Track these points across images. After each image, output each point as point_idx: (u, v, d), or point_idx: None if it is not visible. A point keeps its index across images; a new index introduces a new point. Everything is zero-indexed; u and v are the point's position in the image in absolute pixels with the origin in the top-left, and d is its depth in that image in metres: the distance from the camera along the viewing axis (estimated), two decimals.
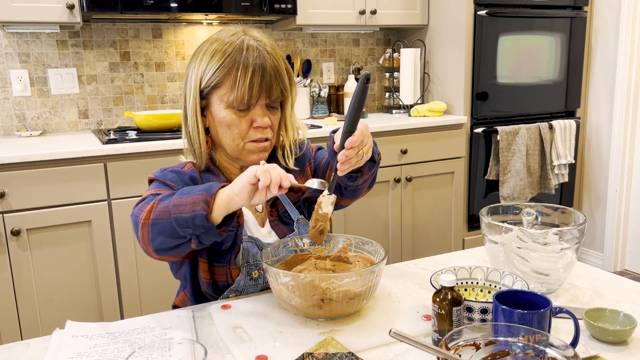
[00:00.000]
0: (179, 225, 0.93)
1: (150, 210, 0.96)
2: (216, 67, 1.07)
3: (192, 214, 0.92)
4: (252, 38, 1.09)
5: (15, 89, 2.49)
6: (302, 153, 1.24)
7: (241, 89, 1.06)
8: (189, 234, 0.94)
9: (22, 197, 1.98)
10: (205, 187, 0.95)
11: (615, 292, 1.10)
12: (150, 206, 0.96)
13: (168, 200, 0.95)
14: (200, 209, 0.92)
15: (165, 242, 0.96)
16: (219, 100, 1.09)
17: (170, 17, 2.57)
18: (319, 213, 1.01)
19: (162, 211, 0.95)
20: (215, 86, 1.08)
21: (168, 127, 2.38)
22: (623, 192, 3.10)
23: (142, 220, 0.96)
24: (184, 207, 0.93)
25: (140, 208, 0.99)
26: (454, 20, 2.80)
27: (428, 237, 2.85)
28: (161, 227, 0.95)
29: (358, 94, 0.95)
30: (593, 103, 3.20)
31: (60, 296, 2.09)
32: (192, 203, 0.92)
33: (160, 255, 1.00)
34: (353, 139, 0.96)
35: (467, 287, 1.02)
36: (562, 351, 0.70)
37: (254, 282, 1.12)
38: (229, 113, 1.09)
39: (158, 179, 1.09)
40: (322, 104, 2.98)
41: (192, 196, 0.93)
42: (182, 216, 0.93)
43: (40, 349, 0.92)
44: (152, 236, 0.96)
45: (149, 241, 0.97)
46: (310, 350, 0.86)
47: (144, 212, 0.96)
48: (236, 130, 1.10)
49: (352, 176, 1.11)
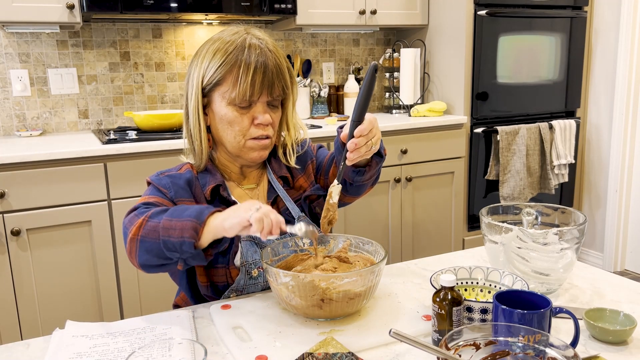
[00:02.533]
0: (166, 249, 0.95)
1: (140, 227, 0.97)
2: (218, 65, 1.07)
3: (180, 239, 0.93)
4: (253, 37, 1.10)
5: (15, 89, 2.49)
6: (303, 151, 1.25)
7: (243, 86, 1.06)
8: (175, 257, 0.96)
9: (22, 197, 1.98)
10: (196, 213, 0.95)
11: (615, 292, 1.10)
12: (140, 221, 0.97)
13: (158, 220, 0.96)
14: (189, 236, 0.93)
15: (151, 260, 0.98)
16: (220, 97, 1.10)
17: (170, 17, 2.57)
18: (330, 203, 1.03)
19: (151, 230, 0.95)
20: (217, 83, 1.09)
21: (168, 127, 2.38)
22: (623, 192, 3.10)
23: (130, 234, 0.97)
24: (173, 232, 0.94)
25: (130, 220, 0.99)
26: (454, 20, 2.80)
27: (428, 237, 2.85)
28: (149, 245, 0.96)
29: (367, 84, 0.96)
30: (593, 103, 3.20)
31: (60, 296, 2.09)
32: (181, 229, 0.93)
33: (145, 270, 1.01)
34: (362, 127, 0.98)
35: (467, 287, 1.02)
36: (562, 351, 0.70)
37: (254, 281, 1.12)
38: (231, 110, 1.10)
39: (153, 183, 1.10)
40: (322, 104, 2.98)
41: (182, 221, 0.94)
42: (171, 240, 0.94)
43: (40, 349, 0.92)
44: (139, 252, 0.97)
45: (135, 256, 0.98)
46: (310, 350, 0.86)
47: (134, 226, 0.97)
48: (237, 127, 1.10)
49: (360, 170, 1.11)
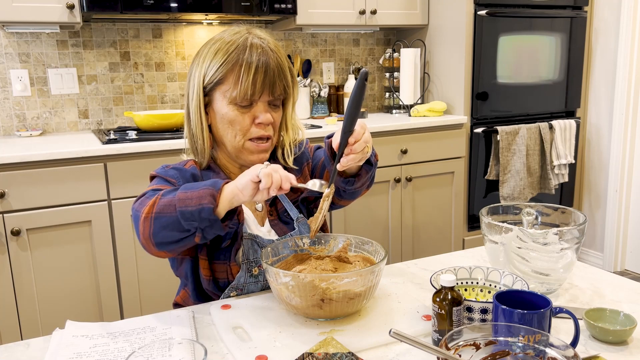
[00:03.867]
0: (184, 219, 0.94)
1: (153, 205, 0.96)
2: (220, 64, 1.08)
3: (199, 207, 0.93)
4: (255, 36, 1.11)
5: (15, 89, 2.49)
6: (300, 152, 1.25)
7: (244, 85, 1.07)
8: (194, 227, 0.95)
9: (22, 197, 1.98)
10: (210, 183, 0.97)
11: (615, 292, 1.10)
12: (153, 200, 0.97)
13: (172, 195, 0.96)
14: (208, 202, 0.93)
15: (168, 235, 0.96)
16: (222, 96, 1.10)
17: (170, 17, 2.57)
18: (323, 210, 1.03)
19: (166, 205, 0.95)
20: (218, 82, 1.09)
21: (168, 127, 2.38)
22: (623, 192, 3.10)
23: (144, 214, 0.96)
24: (190, 201, 0.94)
25: (141, 203, 0.99)
26: (454, 20, 2.80)
27: (428, 237, 2.85)
28: (165, 220, 0.95)
29: (357, 92, 0.95)
30: (593, 103, 3.20)
31: (60, 296, 2.09)
32: (199, 197, 0.94)
33: (161, 249, 0.99)
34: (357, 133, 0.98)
35: (467, 287, 1.02)
36: (562, 351, 0.70)
37: (254, 280, 1.13)
38: (232, 109, 1.10)
39: (160, 175, 1.11)
40: (322, 104, 2.98)
41: (199, 190, 0.95)
42: (189, 209, 0.94)
43: (40, 349, 0.92)
44: (154, 230, 0.96)
45: (149, 235, 0.97)
46: (310, 350, 0.86)
47: (146, 206, 0.97)
48: (238, 126, 1.11)
49: (350, 180, 1.12)
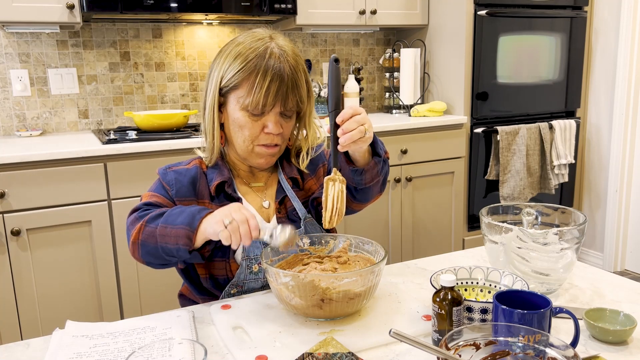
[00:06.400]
0: (164, 253, 1.04)
1: (139, 231, 1.05)
2: (237, 69, 1.09)
3: (176, 246, 1.02)
4: (276, 46, 1.11)
5: (15, 89, 2.49)
6: (316, 154, 1.26)
7: (257, 95, 1.08)
8: (174, 260, 1.07)
9: (22, 197, 1.98)
10: (188, 219, 1.01)
11: (615, 292, 1.10)
12: (139, 226, 1.05)
13: (155, 224, 1.04)
14: (183, 243, 1.01)
15: (154, 260, 1.08)
16: (235, 101, 1.12)
17: (170, 17, 2.57)
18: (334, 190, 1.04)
19: (149, 235, 1.04)
20: (234, 87, 1.11)
21: (168, 127, 2.38)
22: (623, 192, 3.10)
23: (132, 237, 1.06)
24: (169, 239, 1.02)
25: (132, 222, 1.08)
26: (454, 20, 2.79)
27: (428, 237, 2.85)
28: (149, 249, 1.05)
29: (330, 75, 1.02)
30: (593, 103, 3.20)
31: (60, 296, 2.09)
32: (176, 236, 1.01)
33: (151, 267, 1.12)
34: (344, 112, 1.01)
35: (467, 287, 1.02)
36: (562, 351, 0.70)
37: (255, 276, 1.13)
38: (243, 115, 1.12)
39: (160, 177, 1.16)
40: (322, 104, 2.98)
41: (176, 228, 1.01)
42: (168, 246, 1.03)
43: (40, 349, 0.92)
44: (141, 253, 1.07)
45: (139, 256, 1.08)
46: (310, 350, 0.86)
47: (134, 231, 1.06)
48: (247, 132, 1.13)
49: (358, 170, 1.10)
